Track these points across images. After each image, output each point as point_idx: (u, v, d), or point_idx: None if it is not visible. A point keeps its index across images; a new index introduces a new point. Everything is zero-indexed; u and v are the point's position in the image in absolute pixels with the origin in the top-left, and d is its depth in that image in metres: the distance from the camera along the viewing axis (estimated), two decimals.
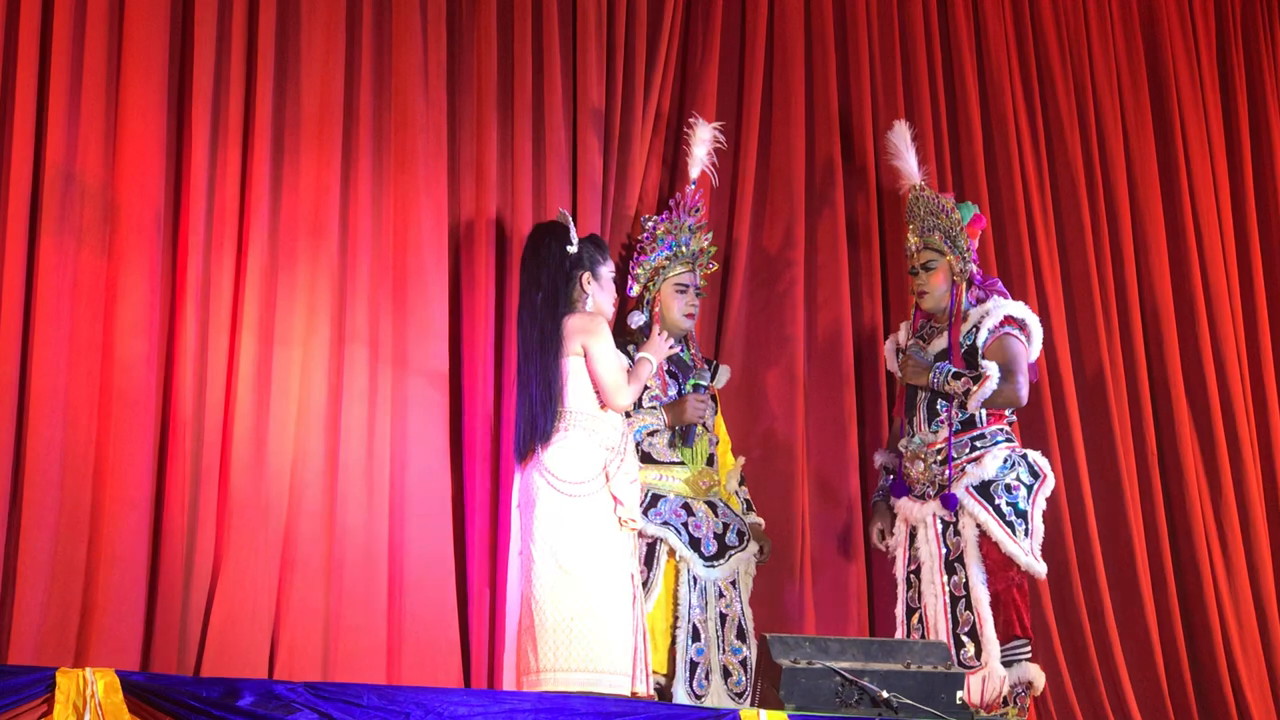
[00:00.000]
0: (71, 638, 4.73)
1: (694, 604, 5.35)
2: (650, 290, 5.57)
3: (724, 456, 5.66)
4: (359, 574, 5.17)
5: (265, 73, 5.33)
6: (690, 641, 5.32)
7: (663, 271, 5.57)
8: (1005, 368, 5.39)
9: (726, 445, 5.69)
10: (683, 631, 5.31)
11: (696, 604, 5.36)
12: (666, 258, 5.58)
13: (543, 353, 4.96)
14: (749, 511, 5.61)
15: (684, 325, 5.56)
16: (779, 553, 5.74)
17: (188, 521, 4.98)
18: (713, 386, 5.65)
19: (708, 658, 5.33)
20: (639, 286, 5.56)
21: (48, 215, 4.94)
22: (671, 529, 5.35)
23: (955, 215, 5.56)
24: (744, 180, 6.17)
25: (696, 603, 5.36)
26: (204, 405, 5.08)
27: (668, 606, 5.33)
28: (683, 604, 5.34)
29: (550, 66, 5.82)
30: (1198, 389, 6.69)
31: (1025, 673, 5.31)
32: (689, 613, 5.33)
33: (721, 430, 5.69)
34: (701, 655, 5.33)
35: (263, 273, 5.22)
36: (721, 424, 5.70)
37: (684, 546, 5.36)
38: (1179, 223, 6.85)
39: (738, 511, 5.56)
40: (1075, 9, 6.90)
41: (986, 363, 5.37)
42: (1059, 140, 6.72)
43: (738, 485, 5.64)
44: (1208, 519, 6.56)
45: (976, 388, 5.33)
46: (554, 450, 4.92)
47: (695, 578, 5.38)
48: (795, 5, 6.38)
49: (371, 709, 3.79)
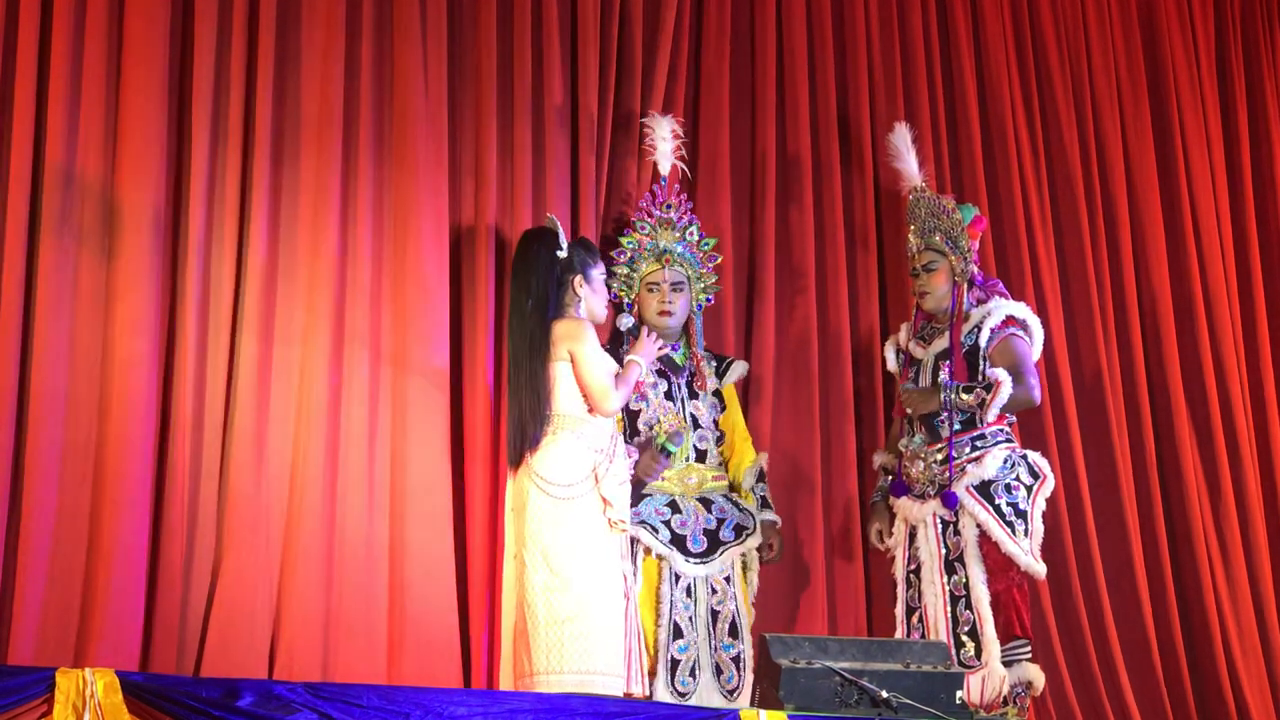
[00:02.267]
0: (71, 638, 4.73)
1: (677, 601, 5.36)
2: (630, 293, 5.61)
3: (742, 452, 5.64)
4: (359, 574, 5.17)
5: (265, 73, 5.33)
6: (671, 639, 5.33)
7: (636, 271, 5.61)
8: (1014, 370, 5.38)
9: (745, 441, 5.66)
10: (663, 630, 5.31)
11: (680, 601, 5.37)
12: (639, 257, 5.61)
13: (532, 358, 4.97)
14: (764, 509, 5.59)
15: (660, 324, 5.54)
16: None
17: (187, 522, 4.99)
18: (724, 384, 5.65)
19: (692, 655, 5.34)
20: (620, 289, 5.59)
21: (48, 216, 4.95)
22: (647, 528, 5.35)
23: (956, 216, 5.56)
24: (761, 183, 6.17)
25: (680, 600, 5.37)
26: (204, 405, 5.08)
27: (650, 604, 5.34)
28: (664, 602, 5.35)
29: (550, 68, 5.82)
30: (1196, 390, 6.68)
31: (1025, 673, 5.31)
32: (670, 610, 5.34)
33: (739, 426, 5.67)
34: (684, 653, 5.34)
35: (262, 273, 5.22)
36: (740, 419, 5.68)
37: (660, 544, 5.37)
38: (1178, 225, 6.85)
39: (749, 507, 5.56)
40: (1074, 12, 6.90)
41: (995, 370, 5.34)
42: (1058, 143, 6.71)
43: (754, 481, 5.62)
44: (1206, 521, 6.56)
45: (991, 397, 5.31)
46: (542, 454, 4.92)
47: (678, 575, 5.39)
48: (798, 7, 6.38)
49: (371, 709, 3.79)
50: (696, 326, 5.67)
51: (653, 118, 5.80)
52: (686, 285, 5.61)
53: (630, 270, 5.63)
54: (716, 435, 5.61)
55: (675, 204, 5.69)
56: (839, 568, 6.01)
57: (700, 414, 5.58)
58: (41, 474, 4.80)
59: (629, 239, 5.66)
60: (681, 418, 5.53)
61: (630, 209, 5.84)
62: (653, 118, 5.80)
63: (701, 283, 5.69)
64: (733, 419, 5.67)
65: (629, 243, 5.66)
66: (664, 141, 5.74)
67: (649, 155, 5.79)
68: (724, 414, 5.65)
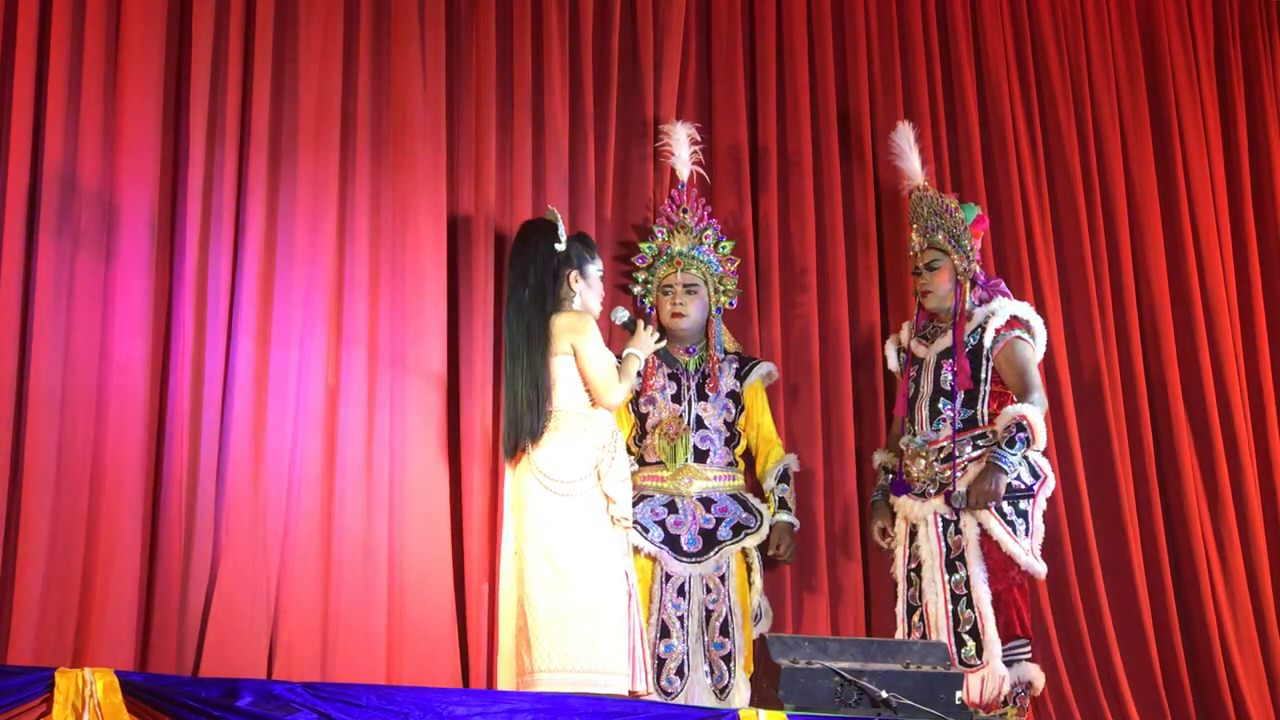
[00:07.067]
0: (70, 638, 4.73)
1: (667, 601, 5.37)
2: (649, 296, 5.70)
3: (766, 453, 5.65)
4: (357, 574, 5.17)
5: (263, 73, 5.33)
6: (659, 638, 5.37)
7: (654, 275, 5.68)
8: (1019, 382, 5.40)
9: (769, 442, 5.66)
10: (652, 628, 5.35)
11: (671, 601, 5.38)
12: (657, 262, 5.69)
13: (529, 350, 4.97)
14: (781, 510, 5.58)
15: (674, 326, 5.60)
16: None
17: (185, 522, 4.99)
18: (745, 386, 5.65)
19: (679, 654, 5.36)
20: (642, 294, 5.71)
21: (45, 217, 4.95)
22: (638, 528, 5.38)
23: (959, 215, 5.56)
24: (762, 182, 6.18)
25: (671, 600, 5.38)
26: (201, 406, 5.08)
27: (643, 604, 5.34)
28: (654, 601, 5.39)
29: (549, 68, 5.82)
30: (1195, 391, 6.68)
31: (1025, 673, 5.31)
32: (658, 609, 5.37)
33: (763, 427, 5.67)
34: (670, 651, 5.37)
35: (260, 274, 5.22)
36: (765, 420, 5.68)
37: (650, 545, 5.40)
38: (1177, 226, 6.84)
39: (759, 507, 5.55)
40: (1074, 13, 6.89)
41: (1013, 409, 5.31)
42: (1057, 144, 6.71)
43: (775, 483, 5.62)
44: (1205, 521, 6.55)
45: (1031, 432, 5.29)
46: (545, 450, 4.92)
47: (669, 574, 5.41)
48: (798, 7, 6.38)
49: (370, 709, 3.78)
50: (715, 329, 5.68)
51: (671, 124, 5.85)
52: (701, 288, 5.65)
53: (649, 275, 5.71)
54: (725, 436, 5.61)
55: (692, 208, 5.71)
56: (839, 567, 6.00)
57: (707, 415, 5.59)
58: (40, 474, 4.80)
59: (648, 244, 5.75)
60: (683, 419, 5.55)
61: (651, 215, 5.90)
62: (671, 124, 5.85)
63: (721, 286, 5.71)
64: (755, 420, 5.68)
65: (648, 248, 5.74)
66: (681, 147, 5.78)
67: (665, 160, 5.81)
68: (741, 416, 5.64)
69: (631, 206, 6.01)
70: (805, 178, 6.25)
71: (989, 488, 5.27)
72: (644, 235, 5.85)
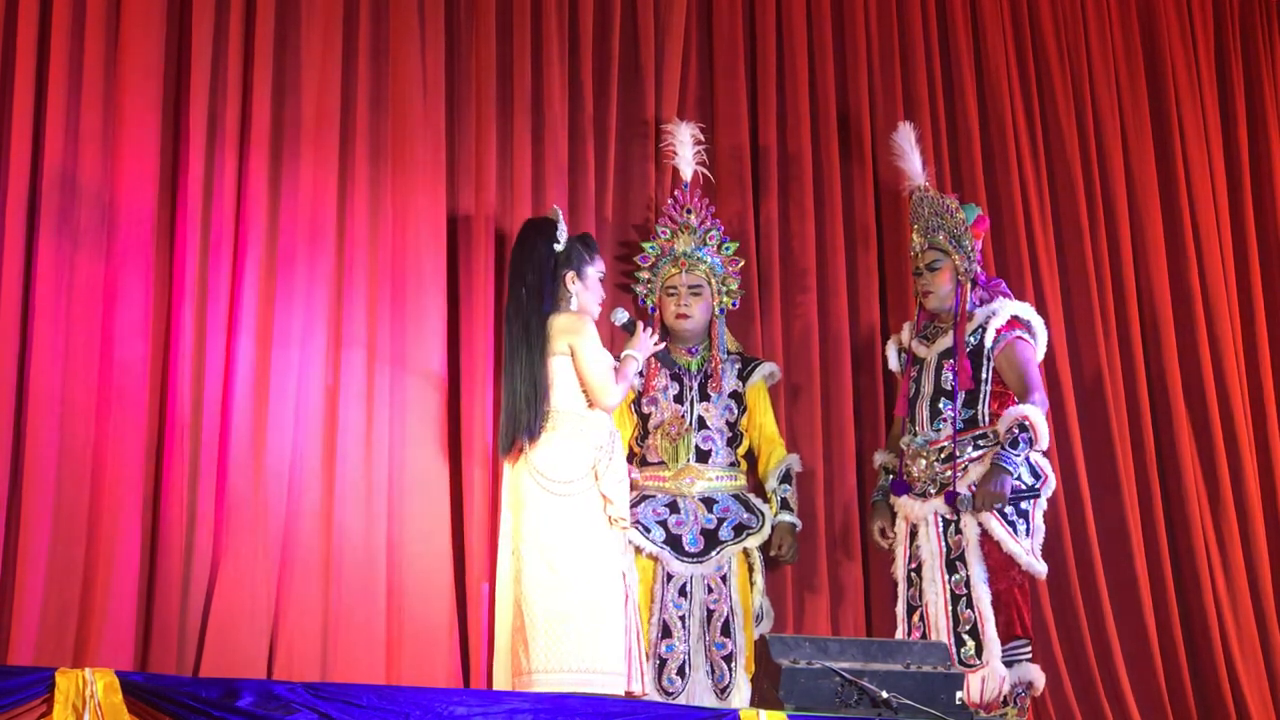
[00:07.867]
0: (70, 638, 4.73)
1: (668, 601, 5.38)
2: (651, 296, 5.69)
3: (768, 454, 5.64)
4: (357, 574, 5.18)
5: (263, 75, 5.33)
6: (660, 638, 5.37)
7: (657, 276, 5.67)
8: (1020, 382, 5.39)
9: (772, 442, 5.66)
10: (652, 628, 5.35)
11: (672, 601, 5.38)
12: (661, 262, 5.68)
13: (528, 349, 4.98)
14: (783, 510, 5.58)
15: (678, 326, 5.61)
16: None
17: (186, 523, 4.99)
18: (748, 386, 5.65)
19: (680, 654, 5.36)
20: (645, 294, 5.70)
21: (45, 218, 4.95)
22: (639, 528, 5.38)
23: (960, 215, 5.56)
24: (763, 183, 6.17)
25: (672, 600, 5.38)
26: (202, 407, 5.08)
27: (644, 604, 5.34)
28: (655, 601, 5.40)
29: (549, 69, 5.82)
30: (1196, 390, 6.68)
31: (1026, 673, 5.31)
32: (660, 609, 5.37)
33: (765, 427, 5.67)
34: (670, 651, 5.37)
35: (260, 275, 5.23)
36: (767, 420, 5.68)
37: (651, 545, 5.41)
38: (1177, 226, 6.84)
39: (761, 507, 5.55)
40: (1074, 12, 6.89)
41: (1016, 410, 5.30)
42: (1057, 144, 6.71)
43: (777, 483, 5.61)
44: (1206, 520, 6.55)
45: (1034, 432, 5.27)
46: (542, 450, 4.92)
47: (671, 574, 5.42)
48: (798, 8, 6.38)
49: (370, 709, 3.78)
50: (719, 329, 5.68)
51: (674, 123, 5.85)
52: (705, 289, 5.64)
53: (652, 275, 5.69)
54: (728, 436, 5.61)
55: (696, 209, 5.71)
56: (840, 567, 6.00)
57: (709, 415, 5.59)
58: (40, 475, 4.80)
59: (651, 245, 5.74)
60: (685, 419, 5.55)
61: (652, 215, 5.89)
62: (674, 123, 5.85)
63: (724, 286, 5.71)
64: (758, 420, 5.68)
65: (651, 248, 5.73)
66: (685, 147, 5.77)
67: (667, 160, 5.81)
68: (744, 416, 5.65)
69: (632, 207, 6.01)
70: (806, 178, 6.25)
71: (995, 490, 5.26)
72: (645, 235, 5.85)
